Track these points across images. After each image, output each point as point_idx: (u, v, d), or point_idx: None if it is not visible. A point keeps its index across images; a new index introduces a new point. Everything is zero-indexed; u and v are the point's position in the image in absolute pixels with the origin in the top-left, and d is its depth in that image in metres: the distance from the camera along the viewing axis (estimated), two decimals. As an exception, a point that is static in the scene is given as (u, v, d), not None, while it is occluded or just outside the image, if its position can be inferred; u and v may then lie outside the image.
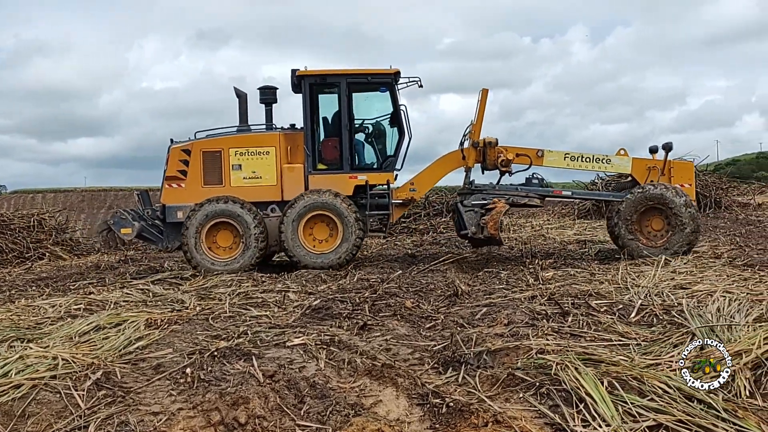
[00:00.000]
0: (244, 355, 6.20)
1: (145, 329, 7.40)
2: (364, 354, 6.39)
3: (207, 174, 13.61)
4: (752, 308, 6.98)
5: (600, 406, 5.11)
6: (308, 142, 13.48)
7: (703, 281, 9.05)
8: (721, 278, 9.32)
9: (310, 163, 13.50)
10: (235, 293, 9.81)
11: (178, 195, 13.63)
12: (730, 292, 7.91)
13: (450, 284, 9.73)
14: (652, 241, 12.65)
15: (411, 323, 7.71)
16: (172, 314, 8.29)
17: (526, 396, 5.44)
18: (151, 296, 9.95)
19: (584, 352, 6.09)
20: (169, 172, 13.77)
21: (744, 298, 7.49)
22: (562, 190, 14.66)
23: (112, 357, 6.45)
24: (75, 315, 8.47)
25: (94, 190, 58.79)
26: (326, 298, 8.93)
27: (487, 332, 6.92)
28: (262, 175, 13.52)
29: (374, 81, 13.63)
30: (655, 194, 12.50)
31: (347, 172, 13.52)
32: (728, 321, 6.59)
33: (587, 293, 8.46)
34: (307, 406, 5.40)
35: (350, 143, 13.57)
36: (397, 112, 13.53)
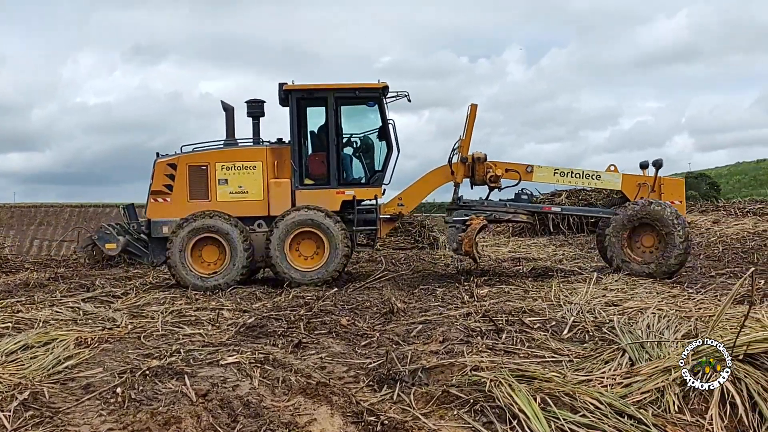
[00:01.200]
0: (177, 374, 6.10)
1: (75, 348, 7.23)
2: (299, 372, 6.34)
3: (193, 189, 13.35)
4: (681, 325, 7.13)
5: (533, 423, 5.16)
6: (295, 156, 13.29)
7: (634, 298, 9.24)
8: (651, 295, 9.53)
9: (297, 178, 13.29)
10: (168, 311, 9.66)
11: (163, 210, 13.36)
12: (659, 309, 8.07)
13: (386, 302, 9.72)
14: (641, 257, 12.59)
15: (346, 341, 7.68)
16: (102, 333, 8.12)
17: (461, 413, 5.46)
18: (82, 314, 9.73)
19: (518, 368, 6.14)
20: (154, 186, 13.46)
21: (673, 315, 7.65)
22: (552, 206, 14.52)
23: (40, 377, 6.28)
24: (2, 334, 8.23)
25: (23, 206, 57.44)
26: (261, 315, 8.86)
27: (423, 349, 6.94)
28: (248, 189, 13.27)
29: (362, 95, 13.45)
30: (649, 210, 12.40)
31: (334, 188, 13.31)
32: (658, 337, 6.71)
33: (521, 310, 8.55)
34: (241, 425, 5.33)
35: (338, 158, 13.42)
36: (386, 126, 13.38)
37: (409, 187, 13.79)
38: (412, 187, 13.76)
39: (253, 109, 13.93)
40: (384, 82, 13.36)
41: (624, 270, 12.30)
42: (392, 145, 13.31)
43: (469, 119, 13.34)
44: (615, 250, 12.59)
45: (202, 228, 12.87)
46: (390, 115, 13.51)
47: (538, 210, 13.82)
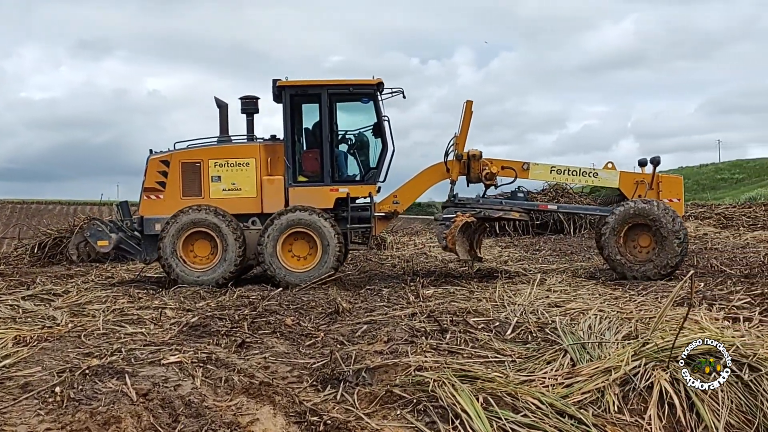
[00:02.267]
0: (117, 374, 6.01)
1: (13, 347, 7.06)
2: (242, 372, 6.29)
3: (186, 186, 13.28)
4: (622, 326, 7.22)
5: (475, 423, 5.19)
6: (288, 153, 13.19)
7: (577, 299, 9.34)
8: (593, 297, 9.64)
9: (291, 175, 13.20)
10: (110, 310, 9.50)
11: (156, 207, 13.20)
12: (602, 311, 8.18)
13: (331, 302, 9.70)
14: (636, 257, 12.38)
15: (291, 341, 7.64)
16: (42, 331, 7.97)
17: (404, 413, 5.47)
18: (21, 312, 9.54)
19: (461, 368, 6.17)
20: (147, 183, 13.33)
21: (614, 317, 7.75)
22: (548, 204, 14.35)
23: (-25, 376, 6.15)
24: (-64, 332, 8.03)
25: (-34, 203, 56.22)
26: (204, 315, 8.77)
27: (367, 350, 6.93)
28: (241, 187, 13.20)
29: (356, 92, 13.40)
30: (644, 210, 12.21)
31: (328, 185, 13.20)
32: (599, 338, 6.80)
33: (466, 311, 8.59)
34: (182, 425, 5.27)
35: (331, 155, 13.29)
36: (380, 123, 13.29)
37: (405, 184, 13.74)
38: (407, 184, 13.71)
39: (247, 105, 13.83)
40: (379, 78, 13.23)
41: (620, 271, 12.21)
42: (387, 142, 13.24)
43: (464, 116, 13.25)
44: (611, 251, 12.36)
45: (193, 222, 12.75)
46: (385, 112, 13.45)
47: (534, 208, 13.70)
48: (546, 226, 27.12)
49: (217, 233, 12.74)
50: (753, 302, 8.74)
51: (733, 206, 30.58)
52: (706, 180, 75.25)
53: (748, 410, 5.44)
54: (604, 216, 12.90)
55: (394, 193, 13.66)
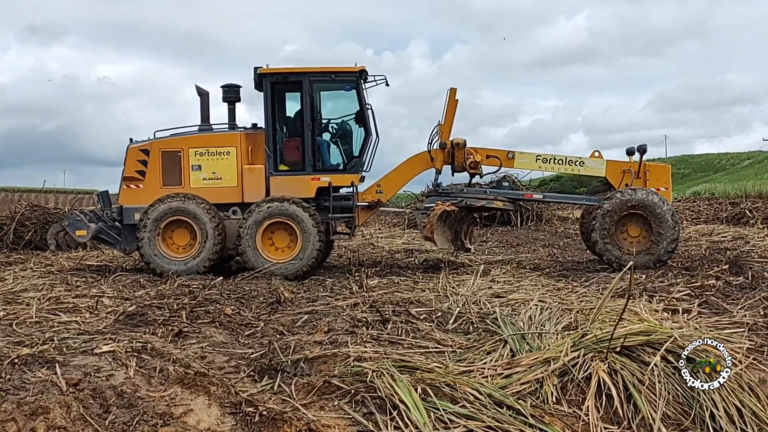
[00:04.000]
0: (48, 363, 5.84)
1: (-60, 335, 6.88)
2: (178, 362, 6.16)
3: (166, 175, 13.03)
4: (562, 317, 7.24)
5: (413, 413, 5.15)
6: (269, 142, 12.95)
7: (519, 290, 9.36)
8: (536, 288, 9.67)
9: (272, 164, 12.97)
10: (46, 298, 9.26)
11: (136, 196, 12.95)
12: (543, 301, 8.19)
13: (274, 291, 9.58)
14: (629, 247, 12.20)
15: (230, 330, 7.52)
16: (-28, 319, 7.76)
17: (341, 404, 5.41)
18: (-47, 300, 9.29)
19: (401, 359, 6.14)
20: (126, 172, 13.07)
21: (556, 308, 7.77)
22: (533, 194, 14.10)
23: None
24: None
25: None
26: (142, 304, 8.57)
27: (307, 340, 6.85)
28: (222, 176, 12.97)
29: (338, 79, 13.15)
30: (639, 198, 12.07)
31: (309, 174, 12.97)
32: (539, 329, 6.80)
33: (408, 301, 8.55)
34: (113, 416, 5.15)
35: (312, 143, 13.05)
36: (363, 111, 13.03)
37: (388, 173, 13.54)
38: (391, 173, 13.51)
39: (229, 94, 13.61)
40: (362, 66, 13.04)
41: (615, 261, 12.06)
42: (370, 130, 13.05)
43: (448, 104, 13.08)
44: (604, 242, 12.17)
45: (171, 210, 12.56)
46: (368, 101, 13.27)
47: (519, 197, 13.54)
48: (493, 218, 27.19)
49: (195, 222, 12.55)
50: (692, 294, 8.85)
51: (678, 200, 31.04)
52: (652, 175, 76.18)
53: (684, 401, 5.47)
54: (593, 205, 12.82)
55: (377, 182, 13.50)
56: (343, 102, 13.61)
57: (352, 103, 13.37)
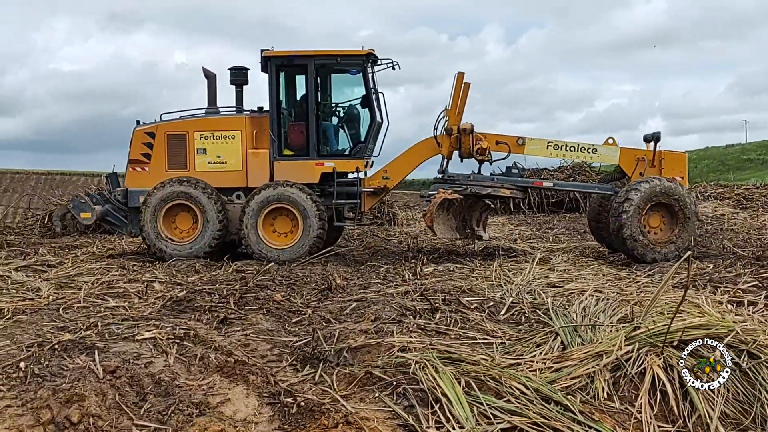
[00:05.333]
0: (87, 349, 5.80)
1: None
2: (219, 349, 6.07)
3: (171, 158, 13.00)
4: (619, 308, 6.94)
5: (455, 407, 4.95)
6: (273, 126, 12.82)
7: (578, 280, 9.03)
8: (596, 277, 9.32)
9: (276, 148, 12.84)
10: (99, 282, 9.30)
11: (141, 179, 12.97)
12: (600, 292, 7.88)
13: (326, 278, 9.45)
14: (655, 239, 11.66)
15: (277, 317, 7.40)
16: (23, 303, 7.80)
17: (382, 396, 5.24)
18: (9, 283, 9.37)
19: (446, 350, 5.94)
20: (132, 155, 13.11)
21: (613, 298, 7.46)
22: (543, 181, 13.70)
23: (-58, 349, 5.96)
24: None
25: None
26: (193, 289, 8.53)
27: (352, 328, 6.69)
28: (227, 160, 12.89)
29: (344, 63, 12.99)
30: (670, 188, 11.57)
31: (314, 159, 12.81)
32: (592, 321, 6.52)
33: (460, 289, 8.32)
34: (149, 404, 5.07)
35: (317, 128, 12.88)
36: (369, 95, 12.86)
37: (395, 159, 13.26)
38: (397, 159, 13.23)
39: (236, 76, 13.50)
40: (369, 49, 12.82)
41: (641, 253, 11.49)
42: (375, 115, 12.86)
43: (455, 88, 12.74)
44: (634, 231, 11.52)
45: (173, 195, 12.53)
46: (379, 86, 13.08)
47: (528, 185, 13.18)
48: (561, 204, 26.66)
49: (197, 207, 12.51)
50: (760, 285, 8.39)
51: (756, 187, 29.98)
52: (731, 161, 74.04)
53: (745, 399, 5.19)
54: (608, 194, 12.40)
55: (384, 168, 13.23)
56: (353, 86, 13.40)
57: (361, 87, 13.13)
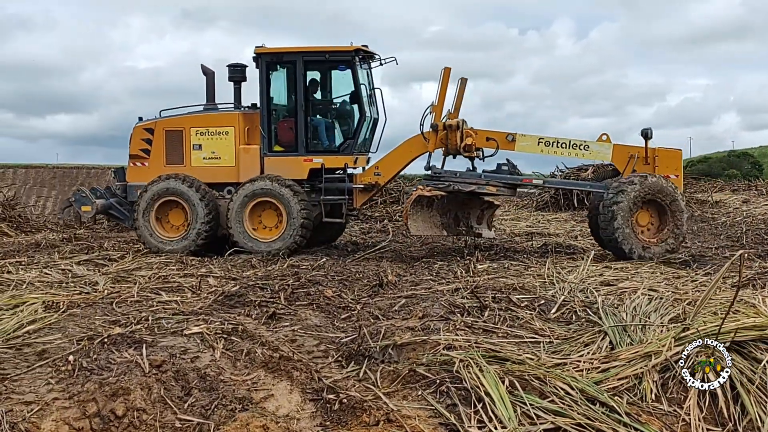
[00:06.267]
0: (136, 343, 5.88)
1: (43, 312, 7.05)
2: (266, 345, 6.10)
3: (169, 153, 13.27)
4: (671, 308, 6.78)
5: (498, 407, 4.90)
6: (264, 122, 12.96)
7: (632, 278, 8.84)
8: (653, 276, 9.11)
9: (266, 144, 12.98)
10: (156, 276, 9.45)
11: (141, 174, 13.27)
12: (653, 290, 7.71)
13: (379, 274, 9.43)
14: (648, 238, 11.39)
15: (326, 313, 7.41)
16: (79, 296, 7.95)
17: (425, 394, 5.22)
18: (69, 277, 9.58)
19: (492, 349, 5.88)
20: (132, 150, 13.45)
21: (666, 298, 7.28)
22: (533, 179, 13.58)
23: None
24: (-22, 295, 8.08)
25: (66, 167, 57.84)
26: (246, 284, 8.59)
27: (399, 325, 6.67)
28: (221, 156, 13.10)
29: (332, 59, 13.03)
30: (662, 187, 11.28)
31: (302, 155, 12.91)
32: (643, 320, 6.38)
33: (512, 287, 8.21)
34: (193, 398, 5.13)
35: (306, 124, 12.92)
36: (358, 91, 12.90)
37: (387, 155, 13.27)
38: (389, 155, 13.22)
39: (234, 73, 13.71)
40: (358, 45, 12.90)
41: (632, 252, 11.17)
42: (365, 111, 12.90)
43: (441, 84, 12.62)
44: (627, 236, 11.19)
45: (163, 191, 12.77)
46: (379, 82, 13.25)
47: (517, 182, 12.98)
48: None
49: (186, 202, 12.70)
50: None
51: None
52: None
53: (799, 404, 5.00)
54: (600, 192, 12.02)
55: (375, 164, 13.25)
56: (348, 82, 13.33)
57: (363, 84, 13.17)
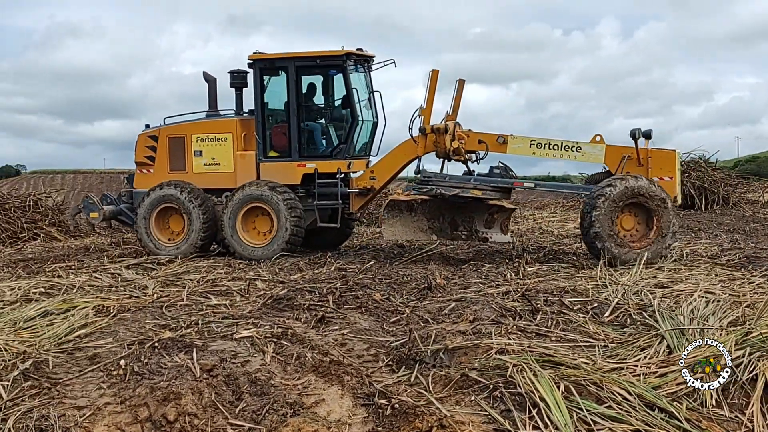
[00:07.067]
0: (186, 347, 5.88)
1: (94, 316, 7.09)
2: (316, 349, 6.07)
3: (172, 160, 13.51)
4: (730, 311, 6.61)
5: (553, 413, 4.80)
6: (259, 128, 13.11)
7: (687, 281, 8.62)
8: (708, 278, 8.89)
9: (261, 150, 13.13)
10: (204, 280, 9.46)
11: (146, 180, 13.52)
12: (710, 293, 7.52)
13: (427, 277, 9.33)
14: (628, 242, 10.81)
15: (375, 317, 7.33)
16: (129, 300, 7.98)
17: (478, 399, 5.13)
18: (119, 281, 9.64)
19: (545, 353, 5.77)
20: (137, 157, 13.74)
21: (724, 300, 7.10)
22: (524, 182, 13.34)
23: (49, 345, 6.14)
24: (30, 299, 8.15)
25: (113, 172, 58.82)
26: (294, 288, 8.55)
27: (450, 329, 6.59)
28: (220, 162, 13.28)
29: (324, 64, 13.15)
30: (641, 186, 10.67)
31: (295, 160, 12.99)
32: (701, 324, 6.22)
33: (564, 290, 8.07)
34: (244, 403, 5.10)
35: (298, 129, 13.04)
36: (349, 95, 12.88)
37: (381, 159, 13.26)
38: (383, 159, 13.21)
39: (236, 80, 13.80)
40: (349, 49, 12.90)
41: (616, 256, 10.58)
42: (356, 115, 12.90)
43: (429, 87, 12.55)
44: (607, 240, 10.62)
45: (160, 198, 12.94)
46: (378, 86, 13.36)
47: (507, 185, 12.70)
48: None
49: (182, 208, 12.84)
50: None
51: None
52: None
53: None
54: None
55: (371, 168, 13.24)
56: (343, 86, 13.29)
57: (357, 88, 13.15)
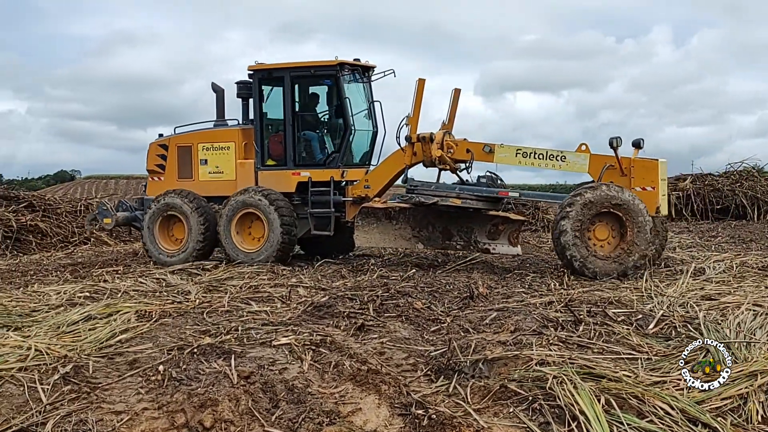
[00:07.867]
0: (225, 354, 5.89)
1: (136, 321, 7.14)
2: (354, 357, 6.03)
3: (180, 168, 13.91)
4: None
5: (594, 426, 4.73)
6: (257, 137, 13.37)
7: (735, 293, 8.43)
8: (757, 290, 8.68)
9: (259, 158, 13.38)
10: (247, 286, 9.50)
11: (157, 188, 13.87)
12: (758, 306, 7.34)
13: (470, 286, 9.26)
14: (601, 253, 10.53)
15: (416, 325, 7.28)
16: (171, 306, 8.03)
17: (517, 411, 5.06)
18: (163, 286, 9.73)
19: (587, 365, 5.67)
20: (148, 165, 14.15)
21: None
22: (509, 191, 13.20)
23: (90, 349, 6.20)
24: (75, 303, 8.26)
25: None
26: (335, 295, 8.54)
27: (490, 339, 6.51)
28: (224, 170, 13.62)
29: (318, 74, 13.31)
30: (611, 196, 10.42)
31: (291, 169, 13.21)
32: (748, 337, 6.07)
33: (608, 301, 7.96)
34: (281, 411, 5.08)
35: (293, 138, 13.25)
36: (342, 104, 13.04)
37: (375, 168, 13.41)
38: (377, 169, 13.34)
39: (242, 90, 14.00)
40: (343, 59, 13.04)
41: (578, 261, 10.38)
42: (350, 124, 12.98)
43: (416, 96, 12.54)
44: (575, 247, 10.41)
45: (164, 206, 13.21)
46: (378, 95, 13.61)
47: (492, 194, 12.31)
48: (727, 211, 25.33)
49: (182, 215, 13.09)
50: None
51: None
52: None
53: None
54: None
55: (365, 177, 13.30)
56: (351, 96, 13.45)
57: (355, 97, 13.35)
